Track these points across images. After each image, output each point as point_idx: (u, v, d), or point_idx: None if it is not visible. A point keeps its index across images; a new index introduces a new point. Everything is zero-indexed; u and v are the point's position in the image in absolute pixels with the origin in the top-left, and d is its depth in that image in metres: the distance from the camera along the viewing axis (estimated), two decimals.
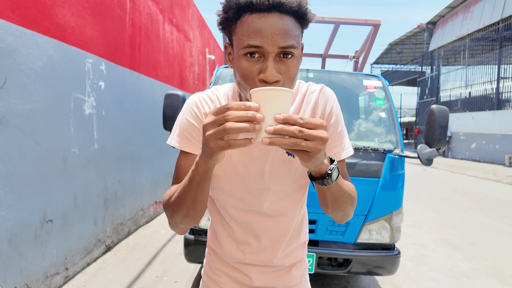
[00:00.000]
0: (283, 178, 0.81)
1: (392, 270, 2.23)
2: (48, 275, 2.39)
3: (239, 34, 0.67)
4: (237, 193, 0.83)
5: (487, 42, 14.88)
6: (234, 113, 0.53)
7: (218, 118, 0.54)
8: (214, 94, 0.83)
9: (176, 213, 0.73)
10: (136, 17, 3.86)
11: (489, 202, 6.43)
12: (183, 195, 0.69)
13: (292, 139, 0.54)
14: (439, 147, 2.00)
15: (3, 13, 1.93)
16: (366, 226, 2.23)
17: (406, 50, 25.61)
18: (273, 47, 0.64)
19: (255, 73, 0.66)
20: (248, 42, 0.64)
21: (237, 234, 0.86)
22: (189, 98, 0.83)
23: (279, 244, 0.87)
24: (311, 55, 4.79)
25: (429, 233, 4.35)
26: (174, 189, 0.74)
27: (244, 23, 0.65)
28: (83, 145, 2.80)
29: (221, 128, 0.53)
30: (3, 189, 1.97)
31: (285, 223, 0.86)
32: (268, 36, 0.63)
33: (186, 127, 0.79)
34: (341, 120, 0.84)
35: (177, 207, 0.72)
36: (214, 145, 0.55)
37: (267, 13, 0.64)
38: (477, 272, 3.18)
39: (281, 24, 0.64)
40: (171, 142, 0.81)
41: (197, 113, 0.79)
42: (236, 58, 0.69)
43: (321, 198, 0.75)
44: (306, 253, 0.97)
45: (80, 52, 2.74)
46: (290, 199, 0.84)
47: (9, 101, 1.99)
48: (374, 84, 2.62)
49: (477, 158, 14.53)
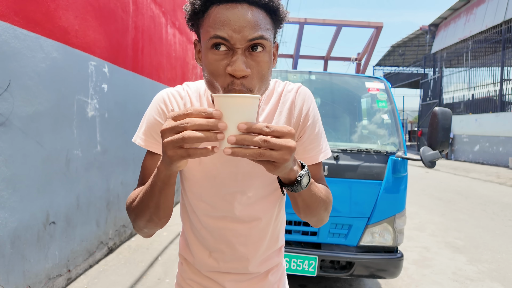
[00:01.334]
0: (258, 180, 0.77)
1: (395, 273, 2.21)
2: (51, 277, 2.40)
3: (205, 26, 0.62)
4: (207, 197, 0.78)
5: (490, 44, 14.83)
6: (194, 121, 0.49)
7: (176, 125, 0.50)
8: (184, 90, 0.78)
9: (139, 218, 0.69)
10: (139, 20, 3.88)
11: (493, 204, 6.39)
12: (145, 200, 0.65)
13: (256, 150, 0.51)
14: (442, 149, 1.99)
15: (7, 16, 1.95)
16: (369, 228, 2.22)
17: (409, 52, 25.56)
18: (241, 40, 0.59)
19: (223, 67, 0.61)
20: (215, 32, 0.59)
21: (208, 242, 0.81)
22: (158, 93, 0.78)
23: (255, 251, 0.82)
24: (313, 57, 4.80)
25: (432, 236, 4.33)
26: (137, 193, 0.70)
27: (211, 14, 0.61)
28: (86, 147, 2.81)
29: (179, 137, 0.49)
30: (7, 191, 1.98)
31: (259, 228, 0.81)
32: (236, 28, 0.59)
33: (152, 125, 0.74)
34: (319, 121, 0.80)
35: (139, 212, 0.68)
36: (172, 154, 0.51)
37: (235, 3, 0.60)
38: (481, 275, 3.15)
39: (250, 16, 0.60)
40: (136, 140, 0.76)
41: (164, 110, 0.74)
42: (204, 53, 0.64)
43: (293, 203, 0.72)
44: (283, 258, 0.92)
45: (83, 55, 2.76)
46: (264, 202, 0.80)
47: (13, 103, 2.00)
48: (376, 86, 2.62)
49: (480, 160, 14.45)
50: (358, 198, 2.21)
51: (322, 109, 2.73)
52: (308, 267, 2.17)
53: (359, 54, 4.45)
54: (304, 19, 3.96)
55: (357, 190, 2.21)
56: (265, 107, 0.77)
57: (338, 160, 2.23)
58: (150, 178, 0.63)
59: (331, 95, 2.76)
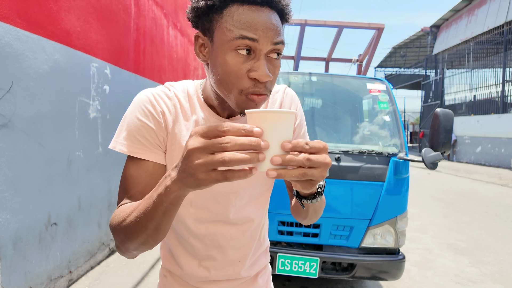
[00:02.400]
0: (251, 181, 0.75)
1: (396, 275, 2.20)
2: (52, 278, 2.40)
3: (226, 24, 0.58)
4: (200, 203, 0.73)
5: (491, 45, 14.80)
6: (235, 140, 0.44)
7: (211, 144, 0.44)
8: (171, 91, 0.72)
9: (130, 239, 0.59)
10: (141, 22, 3.89)
11: (495, 206, 6.36)
12: (142, 221, 0.55)
13: (300, 170, 0.47)
14: (444, 150, 1.99)
15: (10, 18, 1.96)
16: (371, 230, 2.22)
17: (410, 54, 25.54)
18: (267, 43, 0.58)
19: (244, 71, 0.59)
20: (241, 33, 0.56)
21: (198, 250, 0.77)
22: (138, 95, 0.70)
23: (246, 254, 0.80)
24: (314, 59, 4.80)
25: (434, 237, 4.31)
26: (128, 211, 0.59)
27: (234, 13, 0.58)
28: (87, 148, 2.82)
29: (218, 159, 0.43)
30: (9, 192, 1.98)
31: (251, 230, 0.79)
32: (263, 30, 0.57)
33: (138, 128, 0.66)
34: (304, 121, 0.82)
35: (133, 233, 0.57)
36: (205, 177, 0.45)
37: (259, 6, 0.58)
38: (484, 277, 3.13)
39: (274, 20, 0.59)
40: (116, 147, 0.66)
41: (152, 111, 0.67)
42: (220, 52, 0.59)
43: (300, 212, 0.71)
44: (269, 259, 0.92)
45: (85, 57, 2.77)
46: (257, 203, 0.79)
47: (15, 105, 2.01)
48: (378, 88, 2.62)
49: (482, 162, 14.41)
50: (360, 199, 2.21)
51: (323, 110, 2.73)
52: (309, 269, 2.17)
53: (361, 55, 4.45)
54: (305, 21, 3.96)
55: (359, 191, 2.21)
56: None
57: (339, 161, 2.22)
58: (151, 197, 0.54)
59: (332, 96, 2.76)
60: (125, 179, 0.66)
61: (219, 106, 0.71)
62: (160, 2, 4.51)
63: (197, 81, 0.77)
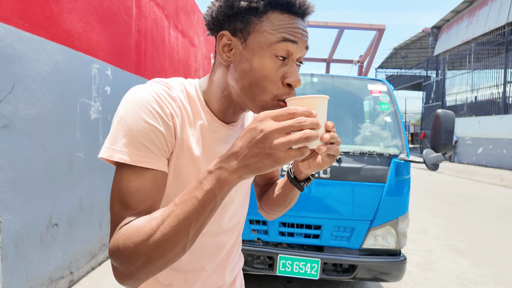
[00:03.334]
0: (243, 183, 0.76)
1: (398, 276, 2.20)
2: (53, 279, 2.40)
3: (266, 28, 0.59)
4: None
5: (493, 46, 14.78)
6: (310, 120, 0.49)
7: (290, 124, 0.48)
8: (171, 90, 0.63)
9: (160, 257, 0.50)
10: (142, 23, 3.90)
11: (497, 207, 6.34)
12: (184, 227, 0.50)
13: (335, 146, 0.55)
14: (445, 152, 1.98)
15: (11, 20, 1.97)
16: (372, 231, 2.21)
17: (411, 55, 25.53)
18: (302, 47, 0.62)
19: (280, 76, 0.61)
20: (284, 35, 0.59)
21: (185, 265, 0.71)
22: (137, 93, 0.59)
23: (230, 258, 0.78)
24: (315, 60, 4.80)
25: (435, 239, 4.30)
26: (154, 224, 0.51)
27: (275, 19, 0.60)
28: (89, 149, 2.82)
29: (302, 136, 0.47)
30: (10, 193, 1.98)
31: (236, 232, 0.78)
32: (301, 35, 0.61)
33: (146, 133, 0.56)
34: None
35: (168, 246, 0.50)
36: (285, 155, 0.48)
37: (296, 16, 0.62)
38: (485, 279, 3.12)
39: (305, 27, 0.64)
40: (113, 156, 0.55)
41: (161, 113, 0.58)
42: (256, 55, 0.59)
43: (282, 198, 0.78)
44: (243, 260, 0.91)
45: (86, 58, 2.77)
46: (244, 205, 0.79)
47: (16, 106, 2.01)
48: (379, 89, 2.62)
49: (484, 163, 14.37)
50: (361, 200, 2.21)
51: None
52: (310, 270, 2.16)
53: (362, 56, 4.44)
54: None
55: (360, 192, 2.20)
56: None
57: (340, 162, 2.22)
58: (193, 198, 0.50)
59: (333, 97, 2.75)
60: (126, 193, 0.55)
61: (222, 111, 0.68)
62: (161, 3, 4.52)
63: (191, 80, 0.70)
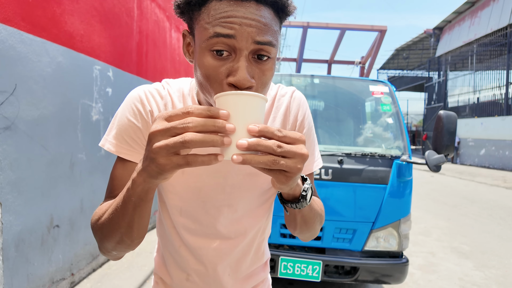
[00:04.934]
0: (247, 192, 0.69)
1: (400, 279, 2.19)
2: (54, 280, 2.40)
3: (202, 22, 0.52)
4: (189, 212, 0.69)
5: (495, 47, 14.74)
6: (198, 121, 0.41)
7: (173, 125, 0.41)
8: (165, 89, 0.67)
9: (106, 238, 0.57)
10: (144, 25, 3.91)
11: (500, 209, 6.31)
12: (115, 218, 0.53)
13: (269, 157, 0.43)
14: (448, 153, 1.97)
15: (14, 22, 1.97)
16: (374, 233, 2.20)
17: (413, 56, 25.49)
18: (247, 41, 0.50)
19: (223, 75, 0.52)
20: (216, 30, 0.50)
21: (187, 263, 0.73)
22: (131, 92, 0.66)
23: (237, 268, 0.75)
24: (317, 61, 4.80)
25: (438, 241, 4.28)
26: (105, 208, 0.58)
27: (211, 9, 0.51)
28: (90, 150, 2.83)
29: (178, 140, 0.40)
30: (12, 194, 1.99)
31: (243, 244, 0.73)
32: (241, 25, 0.50)
33: (126, 128, 0.63)
34: (313, 128, 0.74)
35: (108, 232, 0.56)
36: (166, 162, 0.42)
37: (240, 1, 0.51)
38: (488, 281, 3.10)
39: (258, 16, 0.51)
40: (105, 145, 0.64)
41: (141, 110, 0.63)
42: (199, 52, 0.54)
43: (290, 220, 0.66)
44: (268, 272, 0.85)
45: (88, 59, 2.78)
46: (252, 216, 0.72)
47: (18, 107, 2.02)
48: (380, 90, 2.61)
49: (486, 164, 14.32)
50: (363, 202, 2.20)
51: (326, 112, 2.72)
52: (312, 272, 2.15)
53: (363, 57, 4.44)
54: (307, 23, 3.97)
55: (362, 194, 2.20)
56: None
57: (342, 164, 2.21)
58: (122, 192, 0.52)
59: (335, 98, 2.75)
60: (111, 179, 0.64)
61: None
62: (163, 4, 4.53)
63: (193, 80, 0.71)
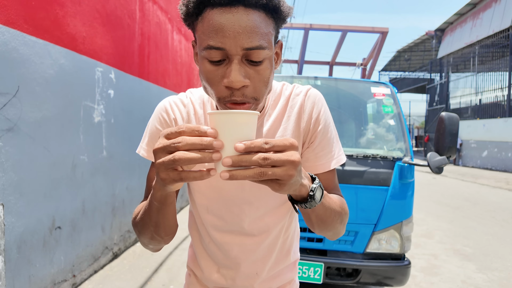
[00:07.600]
0: (266, 190, 0.71)
1: (402, 281, 2.17)
2: (56, 282, 2.40)
3: (199, 32, 0.57)
4: (214, 210, 0.74)
5: (497, 48, 14.71)
6: (186, 140, 0.45)
7: (167, 144, 0.46)
8: (187, 97, 0.74)
9: (142, 234, 0.66)
10: (146, 27, 3.92)
11: (502, 211, 6.28)
12: (145, 218, 0.62)
13: (256, 169, 0.45)
14: (450, 155, 1.97)
15: (17, 24, 1.99)
16: (376, 235, 2.19)
17: (415, 57, 25.46)
18: (236, 48, 0.53)
19: (219, 78, 0.56)
20: (208, 42, 0.54)
21: (217, 257, 0.78)
22: (160, 102, 0.75)
23: (263, 266, 0.78)
24: (318, 63, 4.80)
25: (440, 243, 4.26)
26: (140, 208, 0.67)
27: (205, 19, 0.55)
28: (92, 152, 2.83)
29: (170, 158, 0.44)
30: (14, 196, 1.99)
31: (268, 241, 0.76)
32: (230, 35, 0.53)
33: (155, 135, 0.71)
34: (331, 125, 0.74)
35: (141, 229, 0.65)
36: (165, 176, 0.47)
37: (229, 7, 0.53)
38: (491, 284, 3.08)
39: (246, 21, 0.53)
40: (140, 152, 0.73)
41: (166, 119, 0.71)
42: (200, 60, 0.59)
43: (306, 218, 0.67)
44: (296, 273, 0.87)
45: (90, 61, 2.79)
46: (274, 213, 0.75)
47: (21, 109, 2.02)
48: (382, 92, 2.61)
49: (489, 166, 14.25)
50: (365, 204, 2.19)
51: None
52: (313, 274, 2.15)
53: (365, 59, 4.44)
54: (309, 25, 3.97)
55: (364, 196, 2.19)
56: (271, 112, 0.72)
57: (344, 165, 2.21)
58: (150, 197, 0.59)
59: (336, 100, 2.75)
60: (147, 181, 0.73)
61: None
62: (165, 7, 4.55)
63: None
